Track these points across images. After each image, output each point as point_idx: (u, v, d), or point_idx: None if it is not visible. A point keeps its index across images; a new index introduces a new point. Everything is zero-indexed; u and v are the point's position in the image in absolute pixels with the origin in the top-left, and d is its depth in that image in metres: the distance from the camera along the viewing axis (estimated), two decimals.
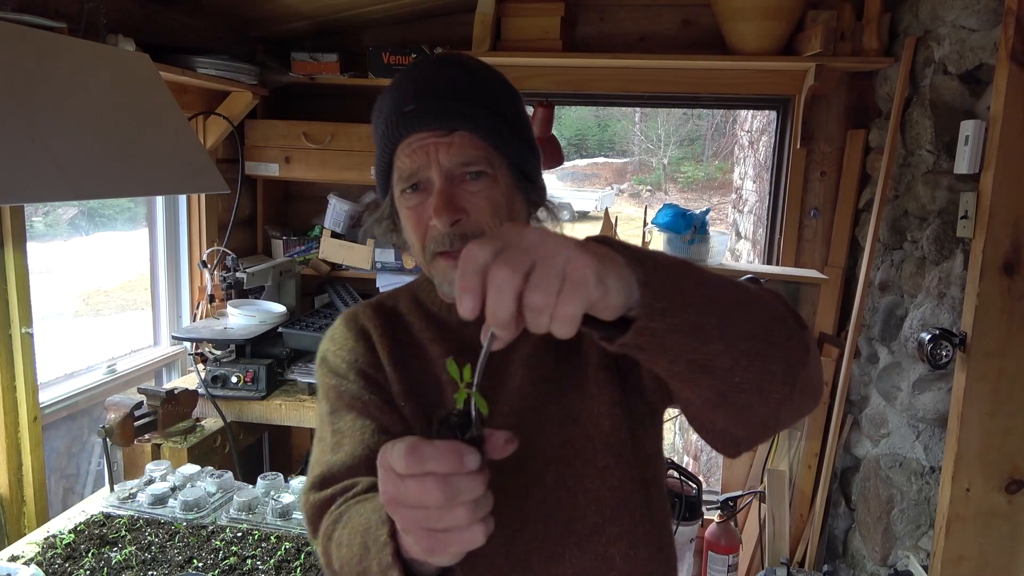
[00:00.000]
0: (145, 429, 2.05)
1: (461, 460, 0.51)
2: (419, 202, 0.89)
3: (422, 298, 1.02)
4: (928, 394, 2.07)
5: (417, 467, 0.51)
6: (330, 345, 0.99)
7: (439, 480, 0.50)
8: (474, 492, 0.51)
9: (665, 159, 16.17)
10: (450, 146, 0.86)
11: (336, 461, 0.86)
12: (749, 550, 2.74)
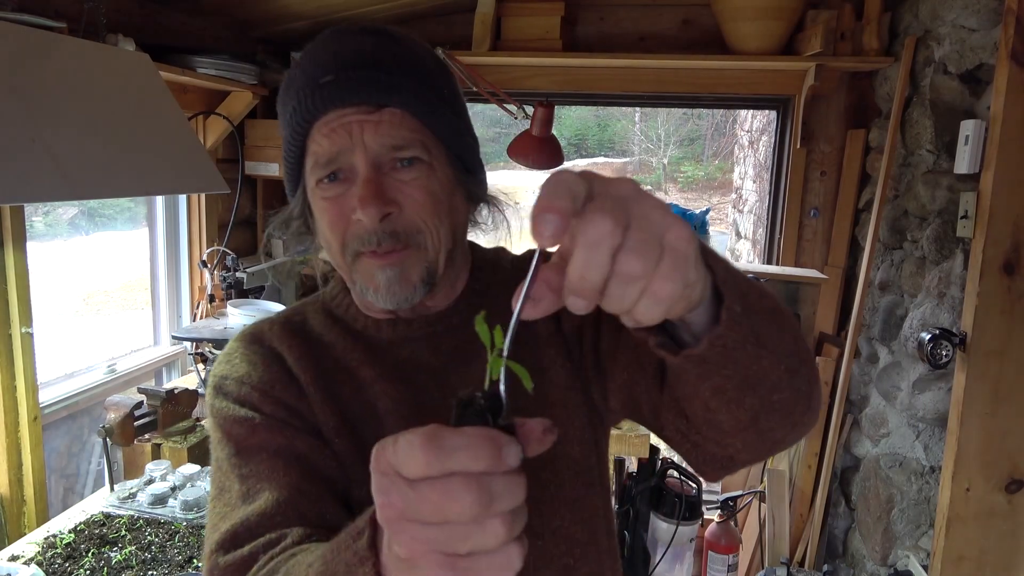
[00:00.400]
0: (145, 429, 2.05)
1: (499, 453, 0.38)
2: (339, 193, 0.74)
3: (338, 313, 0.86)
4: (928, 394, 2.07)
5: (439, 464, 0.37)
6: (229, 370, 0.79)
7: (470, 482, 0.37)
8: (515, 498, 0.38)
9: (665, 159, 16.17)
10: (378, 125, 0.72)
11: (251, 511, 0.67)
12: (749, 550, 2.74)
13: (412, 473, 0.38)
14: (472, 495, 0.37)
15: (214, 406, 0.78)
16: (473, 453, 0.38)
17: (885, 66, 2.45)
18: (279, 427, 0.75)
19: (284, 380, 0.78)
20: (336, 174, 0.74)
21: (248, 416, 0.75)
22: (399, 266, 0.74)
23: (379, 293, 0.75)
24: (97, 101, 1.72)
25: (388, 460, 0.39)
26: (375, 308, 0.82)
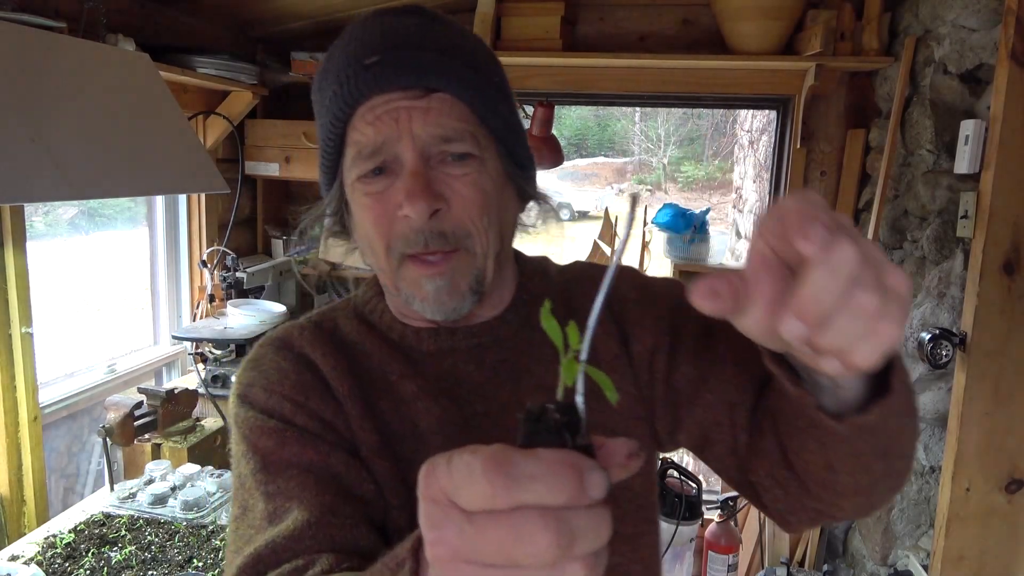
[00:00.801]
0: (145, 429, 2.05)
1: (582, 482, 0.31)
2: (383, 188, 0.68)
3: (372, 320, 0.78)
4: (928, 394, 2.07)
5: (508, 495, 0.30)
6: (257, 377, 0.72)
7: (547, 518, 0.30)
8: (599, 538, 0.32)
9: (665, 159, 16.18)
10: (427, 112, 0.65)
11: (278, 533, 0.61)
12: (749, 550, 2.74)
13: (472, 504, 0.31)
14: (550, 534, 0.30)
15: (238, 416, 0.71)
16: (552, 482, 0.31)
17: (885, 66, 2.45)
18: (312, 441, 0.67)
19: (319, 390, 0.71)
20: (380, 169, 0.68)
21: (278, 427, 0.68)
22: (448, 275, 0.68)
23: (426, 303, 0.69)
24: (97, 101, 1.72)
25: (442, 486, 0.32)
26: (414, 316, 0.76)
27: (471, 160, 0.67)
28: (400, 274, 0.70)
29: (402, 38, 0.66)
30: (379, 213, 0.68)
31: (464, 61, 0.67)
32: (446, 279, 0.68)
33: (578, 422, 0.35)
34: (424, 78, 0.65)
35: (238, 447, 0.70)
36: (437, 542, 0.33)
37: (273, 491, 0.65)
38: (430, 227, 0.66)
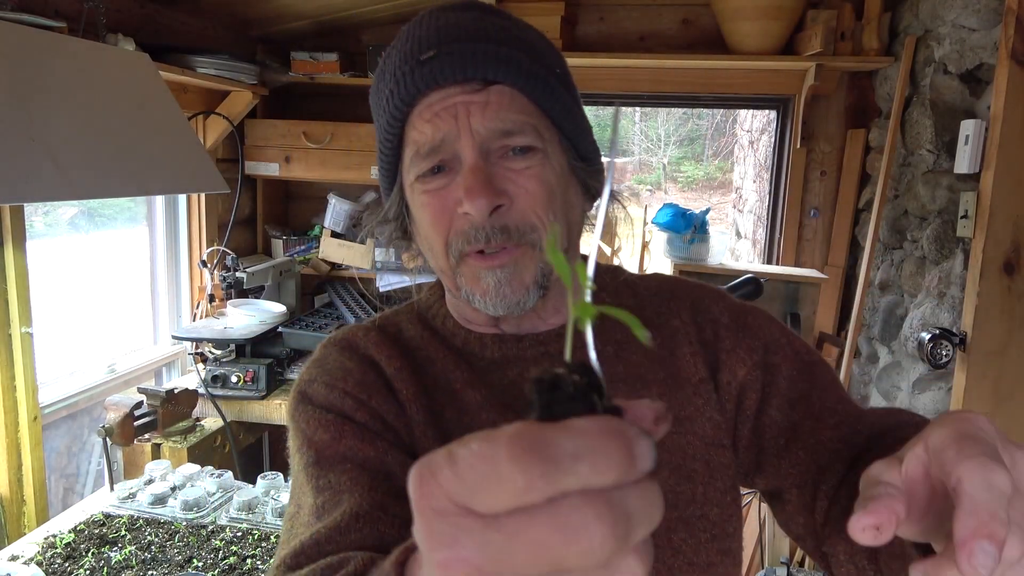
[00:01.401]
0: (145, 429, 2.05)
1: (632, 453, 0.25)
2: (442, 185, 0.66)
3: (435, 325, 0.76)
4: (928, 394, 2.07)
5: (548, 484, 0.24)
6: (320, 374, 0.71)
7: (597, 504, 0.25)
8: (652, 519, 0.26)
9: (665, 159, 16.18)
10: (485, 106, 0.63)
11: (324, 526, 0.58)
12: (749, 549, 2.74)
13: (498, 505, 0.25)
14: (606, 524, 0.24)
15: (296, 411, 0.69)
16: (599, 458, 0.25)
17: (885, 66, 2.45)
18: (370, 437, 0.65)
19: (382, 391, 0.69)
20: (440, 167, 0.65)
21: (336, 421, 0.66)
22: (510, 266, 0.66)
23: (487, 297, 0.67)
24: (97, 101, 1.72)
25: (448, 491, 0.25)
26: (477, 321, 0.73)
27: (534, 153, 0.65)
28: (460, 271, 0.67)
29: (458, 32, 0.64)
30: (438, 210, 0.66)
31: (523, 50, 0.64)
32: (507, 271, 0.66)
33: (599, 382, 0.28)
34: (481, 70, 0.63)
35: (294, 442, 0.68)
36: (453, 564, 0.26)
37: (324, 485, 0.63)
38: (491, 223, 0.64)
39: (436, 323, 0.76)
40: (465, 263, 0.67)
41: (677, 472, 0.69)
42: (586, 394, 0.28)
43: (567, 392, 0.28)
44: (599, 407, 0.28)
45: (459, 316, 0.76)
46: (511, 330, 0.73)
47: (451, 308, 0.76)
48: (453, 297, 0.75)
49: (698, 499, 0.69)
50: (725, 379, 0.73)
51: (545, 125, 0.66)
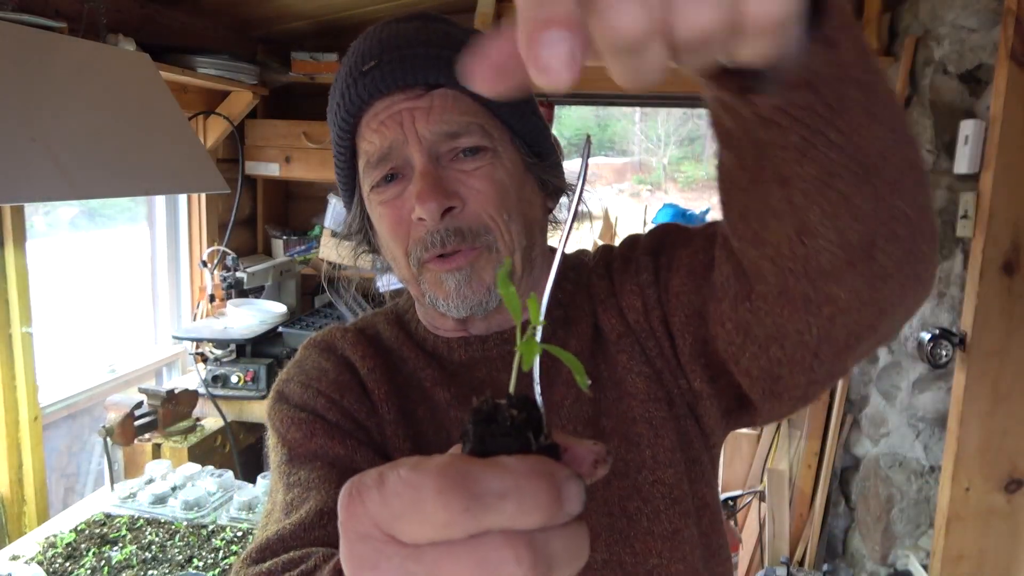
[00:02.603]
0: (145, 428, 2.05)
1: (558, 496, 0.25)
2: (396, 194, 0.66)
3: (409, 328, 0.77)
4: (928, 394, 2.08)
5: (470, 520, 0.24)
6: (296, 374, 0.73)
7: (517, 544, 0.25)
8: (577, 561, 0.26)
9: (665, 159, 16.18)
10: (429, 111, 0.64)
11: (289, 523, 0.59)
12: (749, 549, 2.75)
13: (421, 536, 0.25)
14: (524, 566, 0.24)
15: (273, 410, 0.70)
16: (524, 499, 0.24)
17: (885, 66, 2.45)
18: (340, 436, 0.66)
19: (355, 391, 0.70)
20: (392, 176, 0.66)
21: (308, 419, 0.67)
22: (468, 268, 0.67)
23: (449, 300, 0.67)
24: (97, 101, 1.73)
25: (373, 516, 0.26)
26: (444, 326, 0.74)
27: (484, 153, 0.65)
28: (422, 278, 0.68)
29: (398, 41, 0.65)
30: (395, 220, 0.67)
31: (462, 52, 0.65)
32: (465, 272, 0.67)
33: (539, 418, 0.28)
34: (422, 74, 0.63)
35: (271, 441, 0.70)
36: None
37: (294, 482, 0.64)
38: (445, 226, 0.64)
39: (410, 327, 0.77)
40: (426, 269, 0.67)
41: (622, 439, 0.68)
42: (521, 430, 0.27)
43: (503, 427, 0.27)
44: (533, 445, 0.27)
45: (428, 323, 0.77)
46: (478, 331, 0.74)
47: (420, 316, 0.78)
48: (420, 305, 0.76)
49: (648, 463, 0.68)
50: (633, 319, 0.72)
51: (494, 124, 0.66)
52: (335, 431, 0.67)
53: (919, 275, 0.50)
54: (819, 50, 0.35)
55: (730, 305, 0.59)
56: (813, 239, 0.47)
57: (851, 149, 0.41)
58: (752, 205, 0.50)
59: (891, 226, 0.46)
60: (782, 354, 0.57)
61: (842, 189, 0.43)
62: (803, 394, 0.62)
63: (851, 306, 0.50)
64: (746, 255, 0.55)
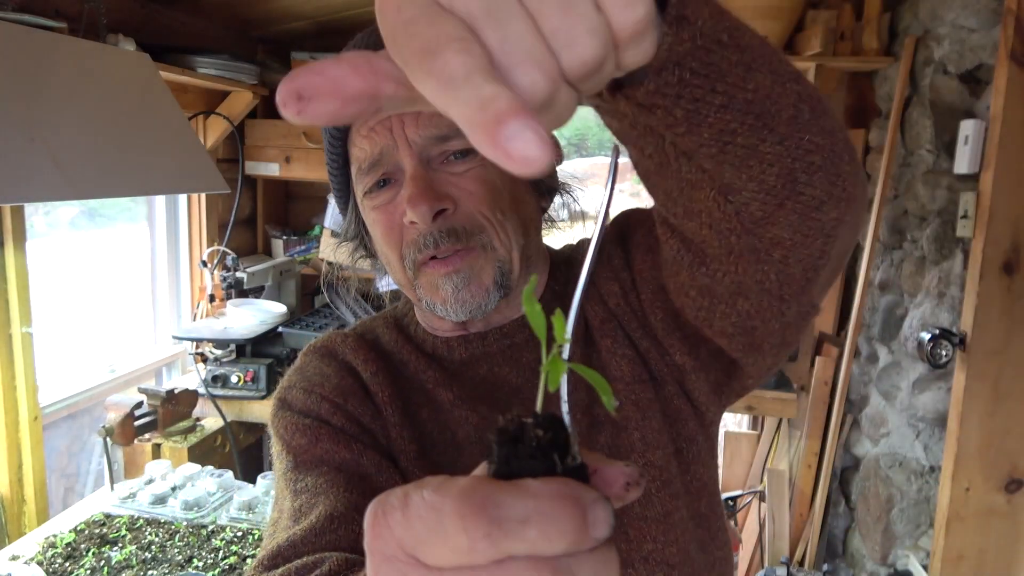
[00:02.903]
0: (145, 429, 2.05)
1: (584, 521, 0.25)
2: (388, 199, 0.67)
3: (408, 331, 0.78)
4: (928, 394, 2.08)
5: (492, 547, 0.24)
6: (298, 380, 0.73)
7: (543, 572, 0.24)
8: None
9: None
10: (418, 115, 0.64)
11: (300, 528, 0.59)
12: (749, 549, 2.75)
13: (442, 560, 0.25)
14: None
15: (275, 417, 0.71)
16: (548, 525, 0.24)
17: (885, 66, 2.45)
18: (346, 440, 0.66)
19: (359, 395, 0.71)
20: (385, 181, 0.67)
21: (312, 425, 0.68)
22: (466, 270, 0.67)
23: (447, 305, 0.68)
24: (97, 101, 1.73)
25: (398, 537, 0.25)
26: (443, 327, 0.75)
27: (474, 155, 0.65)
28: (418, 282, 0.69)
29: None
30: (388, 225, 0.68)
31: None
32: (463, 275, 0.67)
33: (566, 438, 0.27)
34: None
35: (274, 448, 0.70)
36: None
37: (301, 488, 0.64)
38: (437, 228, 0.65)
39: (409, 330, 0.78)
40: (422, 273, 0.68)
41: (612, 425, 0.69)
42: (547, 452, 0.26)
43: (528, 448, 0.26)
44: (559, 467, 0.26)
45: (426, 325, 0.77)
46: (477, 328, 0.74)
47: (418, 317, 0.78)
48: (418, 309, 0.77)
49: (637, 446, 0.68)
50: (613, 304, 0.73)
51: None
52: (340, 435, 0.67)
53: (849, 192, 0.50)
54: (673, 30, 0.36)
55: (688, 275, 0.60)
56: (737, 194, 0.48)
57: (738, 105, 0.41)
58: (670, 185, 0.51)
59: (805, 159, 0.46)
60: (749, 305, 0.59)
61: (744, 143, 0.43)
62: (781, 339, 0.63)
63: (797, 241, 0.51)
64: (685, 228, 0.56)
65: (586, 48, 0.26)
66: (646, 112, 0.40)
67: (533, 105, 0.26)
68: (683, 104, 0.39)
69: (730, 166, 0.45)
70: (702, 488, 0.72)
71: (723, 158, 0.44)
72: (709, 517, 0.72)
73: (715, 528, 0.72)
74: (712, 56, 0.39)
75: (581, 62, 0.26)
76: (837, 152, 0.48)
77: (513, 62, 0.25)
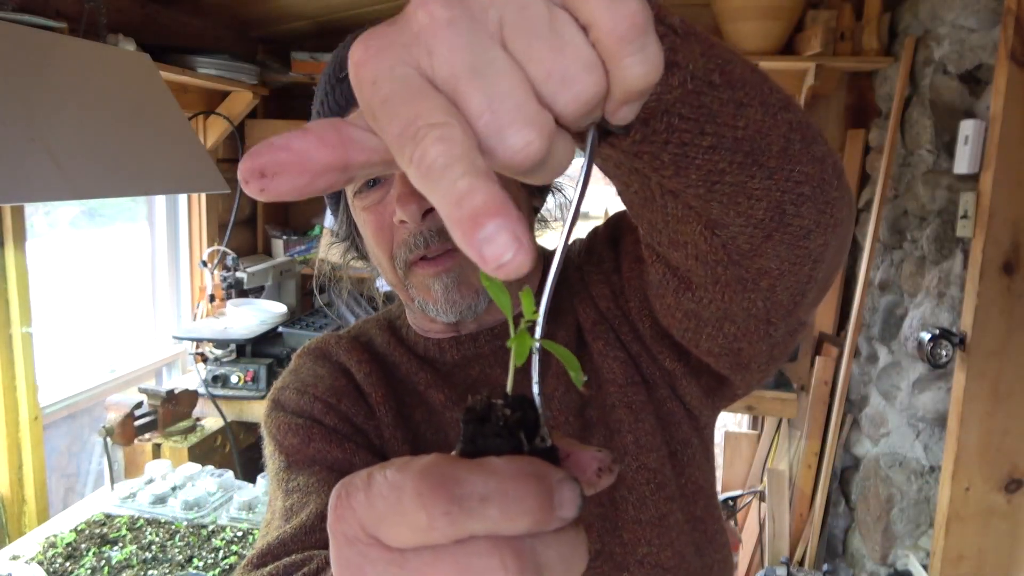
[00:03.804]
0: (145, 428, 2.05)
1: (549, 499, 0.24)
2: (378, 199, 0.67)
3: (401, 333, 0.78)
4: (928, 394, 2.08)
5: (452, 525, 0.23)
6: (292, 381, 0.73)
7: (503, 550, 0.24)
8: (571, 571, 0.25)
9: None
10: None
11: (290, 527, 0.60)
12: (749, 549, 2.75)
13: (402, 540, 0.24)
14: (511, 574, 0.23)
15: (269, 418, 0.70)
16: (510, 503, 0.23)
17: (885, 66, 2.45)
18: (339, 440, 0.66)
19: (352, 396, 0.71)
20: (375, 180, 0.67)
21: (305, 425, 0.68)
22: (456, 270, 0.67)
23: (438, 305, 0.68)
24: (97, 101, 1.73)
25: (360, 518, 0.25)
26: (434, 328, 0.75)
27: None
28: (409, 282, 0.69)
29: None
30: (378, 226, 0.68)
31: None
32: (453, 275, 0.67)
33: (536, 419, 0.26)
34: None
35: (267, 449, 0.70)
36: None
37: (293, 488, 0.64)
38: (427, 227, 0.64)
39: (401, 332, 0.78)
40: (413, 273, 0.68)
41: (605, 427, 0.69)
42: (513, 431, 0.26)
43: (495, 427, 0.26)
44: (525, 447, 0.26)
45: (416, 326, 0.78)
46: (469, 330, 0.75)
47: (409, 319, 0.79)
48: (410, 310, 0.78)
49: (630, 449, 0.68)
50: (604, 306, 0.73)
51: None
52: (333, 435, 0.67)
53: (837, 218, 0.49)
54: (663, 78, 0.34)
55: (673, 298, 0.60)
56: (724, 229, 0.47)
57: (727, 144, 0.40)
58: (655, 218, 0.51)
59: (795, 191, 0.45)
60: (736, 329, 0.59)
61: (732, 181, 0.42)
62: (768, 357, 0.63)
63: (784, 270, 0.51)
64: (671, 257, 0.56)
65: (585, 86, 0.25)
66: (634, 157, 0.39)
67: (528, 167, 0.25)
68: (671, 149, 0.38)
69: (717, 203, 0.44)
70: (698, 491, 0.71)
71: (711, 196, 0.43)
72: (706, 520, 0.71)
73: (712, 531, 0.72)
74: (703, 99, 0.38)
75: (581, 102, 0.25)
76: (827, 179, 0.47)
77: (504, 123, 0.24)
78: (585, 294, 0.75)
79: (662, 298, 0.63)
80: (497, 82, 0.24)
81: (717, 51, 0.39)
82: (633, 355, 0.72)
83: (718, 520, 0.74)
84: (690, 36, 0.37)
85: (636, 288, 0.70)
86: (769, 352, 0.62)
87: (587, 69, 0.25)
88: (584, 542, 0.25)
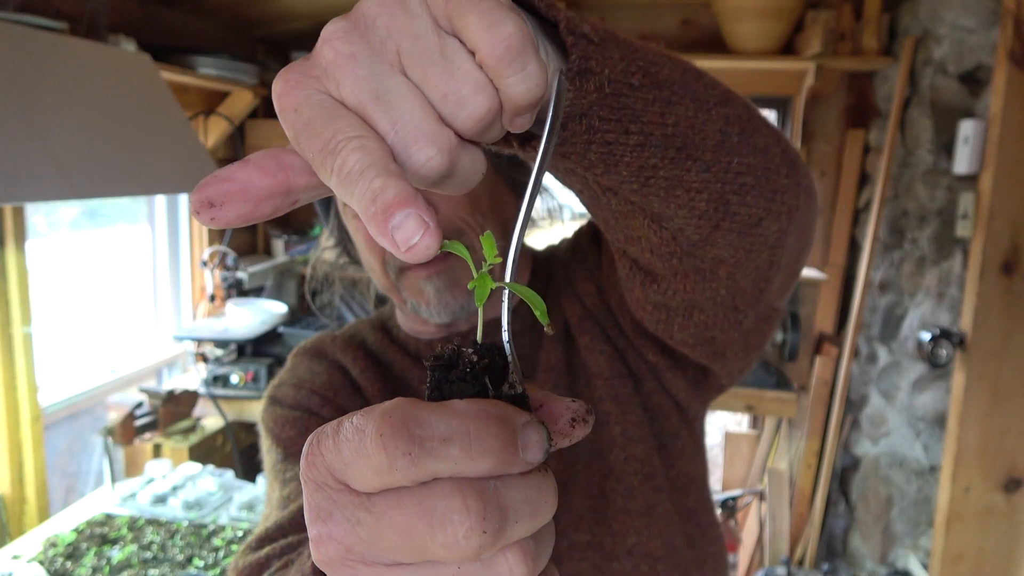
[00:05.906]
0: (146, 428, 2.05)
1: (512, 441, 0.24)
2: None
3: (393, 333, 0.80)
4: (927, 393, 2.08)
5: (413, 466, 0.23)
6: (289, 377, 0.75)
7: (465, 492, 0.23)
8: (539, 515, 0.25)
9: None
10: None
11: (287, 513, 0.62)
12: (749, 549, 2.75)
13: (367, 483, 0.24)
14: (472, 516, 0.23)
15: (266, 413, 0.72)
16: (471, 443, 0.23)
17: (885, 66, 2.45)
18: None
19: (348, 390, 0.73)
20: None
21: (302, 417, 0.69)
22: (447, 272, 0.68)
23: (431, 307, 0.70)
24: (97, 101, 1.73)
25: (328, 463, 0.25)
26: (426, 330, 0.77)
27: None
28: (402, 286, 0.70)
29: None
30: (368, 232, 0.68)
31: None
32: (445, 277, 0.69)
33: (505, 366, 0.26)
34: None
35: (264, 444, 0.72)
36: (324, 540, 0.25)
37: (290, 477, 0.65)
38: None
39: (393, 332, 0.80)
40: (405, 276, 0.69)
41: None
42: (479, 376, 0.26)
43: (460, 372, 0.26)
44: (490, 392, 0.26)
45: (407, 328, 0.79)
46: (460, 329, 0.77)
47: (400, 321, 0.80)
48: (401, 313, 0.79)
49: (618, 440, 0.69)
50: (589, 302, 0.75)
51: None
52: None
53: (790, 204, 0.50)
54: (576, 84, 0.35)
55: (641, 291, 0.61)
56: (669, 221, 0.48)
57: (656, 141, 0.40)
58: (606, 215, 0.52)
59: (736, 182, 0.45)
60: (706, 317, 0.60)
61: (667, 175, 0.43)
62: (744, 345, 0.64)
63: (740, 258, 0.51)
64: (629, 252, 0.57)
65: (476, 105, 0.27)
66: (561, 158, 0.39)
67: (434, 179, 0.28)
68: (595, 148, 0.39)
69: (656, 197, 0.45)
70: (688, 483, 0.72)
71: (647, 191, 0.44)
72: (698, 512, 0.72)
73: (705, 524, 0.72)
74: (623, 100, 0.38)
75: (476, 118, 0.28)
76: (772, 168, 0.47)
77: (407, 142, 0.27)
78: (571, 291, 0.76)
79: (631, 292, 0.64)
80: (398, 105, 0.27)
81: (641, 54, 0.41)
82: (619, 349, 0.73)
83: (711, 513, 0.74)
84: (608, 42, 0.39)
85: (614, 284, 0.71)
86: (743, 339, 0.63)
87: (477, 89, 0.27)
88: (553, 487, 0.25)
